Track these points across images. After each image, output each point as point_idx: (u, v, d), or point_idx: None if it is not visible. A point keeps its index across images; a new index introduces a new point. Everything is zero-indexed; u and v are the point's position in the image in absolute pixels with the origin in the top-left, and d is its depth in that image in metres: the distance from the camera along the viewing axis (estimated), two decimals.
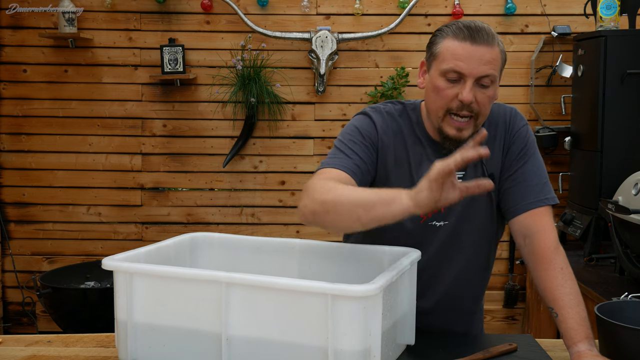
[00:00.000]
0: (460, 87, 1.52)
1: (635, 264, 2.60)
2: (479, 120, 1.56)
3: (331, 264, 1.63)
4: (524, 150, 1.66)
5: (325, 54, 3.60)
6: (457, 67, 1.51)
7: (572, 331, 1.46)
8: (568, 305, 1.49)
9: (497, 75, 1.54)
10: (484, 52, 1.51)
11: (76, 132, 3.83)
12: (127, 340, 1.43)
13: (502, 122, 1.68)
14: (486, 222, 1.69)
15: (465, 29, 1.51)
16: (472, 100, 1.51)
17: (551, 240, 1.58)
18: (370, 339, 1.26)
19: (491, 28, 1.56)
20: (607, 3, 3.18)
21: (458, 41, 1.51)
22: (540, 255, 1.57)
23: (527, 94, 3.80)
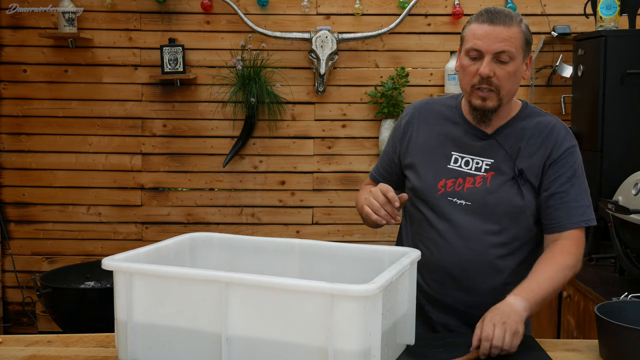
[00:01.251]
0: (480, 63, 1.68)
1: (635, 264, 2.60)
2: (502, 94, 1.70)
3: (331, 264, 1.63)
4: (571, 171, 1.76)
5: (325, 54, 3.60)
6: (475, 45, 1.68)
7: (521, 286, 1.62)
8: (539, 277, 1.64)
9: (515, 52, 1.67)
10: (500, 30, 1.66)
11: (76, 132, 3.83)
12: (127, 340, 1.43)
13: (549, 133, 1.77)
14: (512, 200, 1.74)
15: (485, 12, 1.71)
16: (490, 74, 1.67)
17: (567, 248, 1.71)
18: (370, 339, 1.26)
19: (512, 11, 1.71)
20: (607, 3, 3.18)
21: (478, 23, 1.70)
22: (553, 249, 1.71)
23: (527, 94, 3.80)
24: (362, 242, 3.65)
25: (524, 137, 1.77)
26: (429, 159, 1.81)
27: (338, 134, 3.81)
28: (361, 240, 3.79)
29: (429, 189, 1.78)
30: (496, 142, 1.77)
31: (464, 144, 1.79)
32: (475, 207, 1.74)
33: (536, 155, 1.75)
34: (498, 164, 1.75)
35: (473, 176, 1.76)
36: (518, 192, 1.74)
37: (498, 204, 1.74)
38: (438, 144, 1.82)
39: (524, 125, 1.78)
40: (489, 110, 1.72)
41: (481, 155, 1.77)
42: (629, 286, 2.56)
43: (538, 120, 1.79)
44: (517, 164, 1.75)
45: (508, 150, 1.76)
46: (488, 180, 1.75)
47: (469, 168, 1.77)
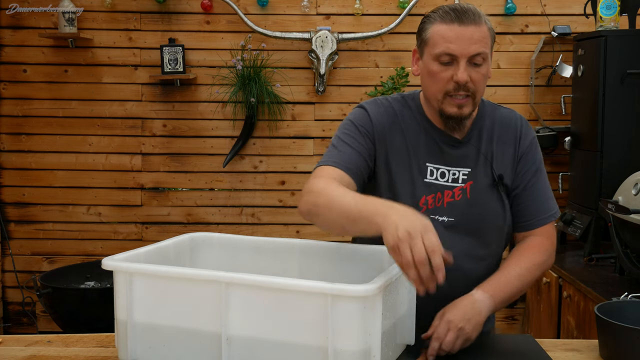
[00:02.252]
0: (454, 69, 1.55)
1: (635, 264, 2.60)
2: (476, 99, 1.60)
3: (331, 264, 1.63)
4: (535, 164, 1.71)
5: (325, 54, 3.60)
6: (448, 50, 1.54)
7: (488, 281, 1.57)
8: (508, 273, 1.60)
9: (488, 52, 1.58)
10: (472, 31, 1.54)
11: (76, 132, 3.83)
12: (127, 340, 1.43)
13: (513, 127, 1.72)
14: (495, 217, 1.68)
15: (452, 11, 1.55)
16: (468, 79, 1.55)
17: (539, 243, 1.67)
18: (370, 339, 1.26)
19: (477, 8, 1.59)
20: (607, 3, 3.18)
21: (446, 24, 1.55)
22: (529, 244, 1.67)
23: (527, 94, 3.80)
24: None
25: (493, 138, 1.68)
26: (406, 172, 1.65)
27: None
28: None
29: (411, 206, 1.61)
30: (471, 148, 1.66)
31: (437, 153, 1.65)
32: (456, 223, 1.64)
33: (507, 155, 1.68)
34: (475, 172, 1.65)
35: (451, 189, 1.64)
36: (499, 199, 1.67)
37: (481, 217, 1.66)
38: (412, 154, 1.65)
39: (488, 124, 1.70)
40: (465, 117, 1.60)
41: (458, 165, 1.65)
42: (629, 286, 2.56)
43: (499, 116, 1.72)
44: (495, 168, 1.66)
45: (483, 152, 1.66)
46: (468, 192, 1.65)
47: (446, 180, 1.65)
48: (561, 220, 3.43)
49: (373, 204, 1.35)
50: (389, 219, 1.27)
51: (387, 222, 1.27)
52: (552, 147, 3.69)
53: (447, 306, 1.51)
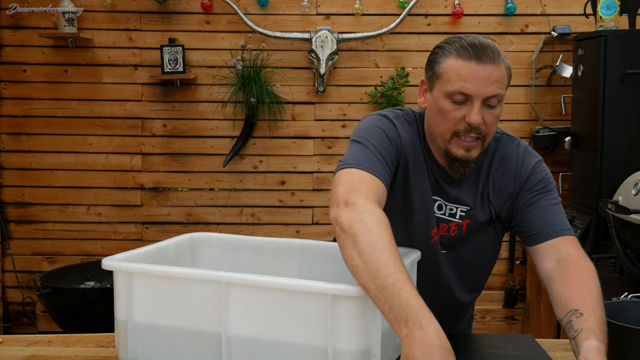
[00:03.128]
0: (467, 109, 1.45)
1: (635, 264, 2.60)
2: (486, 142, 1.51)
3: (331, 264, 1.63)
4: (542, 184, 1.60)
5: (325, 54, 3.60)
6: (463, 89, 1.44)
7: (591, 329, 1.29)
8: (595, 311, 1.33)
9: (504, 94, 1.48)
10: (490, 71, 1.43)
11: (76, 132, 3.83)
12: (127, 340, 1.43)
13: (514, 158, 1.60)
14: (488, 253, 1.69)
15: (470, 47, 1.44)
16: (481, 122, 1.45)
17: (590, 269, 1.47)
18: (370, 339, 1.26)
19: (495, 43, 1.48)
20: (607, 3, 3.18)
21: (463, 60, 1.44)
22: (580, 274, 1.44)
23: (527, 94, 3.80)
24: None
25: (490, 174, 1.59)
26: (421, 198, 1.56)
27: (338, 134, 3.81)
28: None
29: (424, 236, 1.58)
30: (470, 187, 1.58)
31: (437, 186, 1.58)
32: (449, 255, 1.62)
33: (504, 187, 1.59)
34: (474, 211, 1.59)
35: (447, 222, 1.59)
36: (495, 236, 1.64)
37: (474, 252, 1.63)
38: (424, 182, 1.57)
39: (488, 160, 1.60)
40: (472, 160, 1.51)
41: (456, 202, 1.58)
42: (629, 286, 2.56)
43: (498, 152, 1.61)
44: (493, 205, 1.58)
45: (483, 190, 1.59)
46: (464, 229, 1.59)
47: (443, 213, 1.58)
48: None
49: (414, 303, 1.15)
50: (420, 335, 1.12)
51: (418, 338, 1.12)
52: (552, 147, 3.69)
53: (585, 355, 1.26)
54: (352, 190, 1.36)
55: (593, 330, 1.28)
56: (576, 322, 1.31)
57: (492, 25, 3.76)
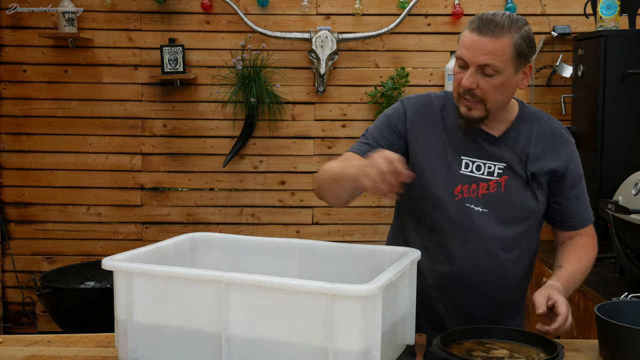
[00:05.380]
0: (465, 73, 1.64)
1: (635, 264, 2.60)
2: (488, 105, 1.66)
3: (331, 264, 1.63)
4: (580, 170, 1.81)
5: (325, 54, 3.60)
6: (462, 55, 1.63)
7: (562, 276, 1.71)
8: (575, 268, 1.74)
9: (501, 65, 1.61)
10: (486, 42, 1.60)
11: (76, 132, 3.83)
12: (127, 340, 1.43)
13: (557, 136, 1.80)
14: (529, 216, 1.76)
15: (478, 19, 1.63)
16: (472, 86, 1.63)
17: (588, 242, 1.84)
18: (370, 339, 1.26)
19: (510, 19, 1.62)
20: (607, 3, 3.18)
21: (469, 31, 1.63)
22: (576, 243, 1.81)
23: (527, 94, 3.80)
24: (362, 242, 3.65)
25: (530, 140, 1.75)
26: (440, 162, 1.73)
27: (338, 134, 3.81)
28: (361, 240, 3.79)
29: (446, 194, 1.71)
30: (506, 145, 1.73)
31: (473, 147, 1.73)
32: (490, 214, 1.71)
33: (547, 159, 1.75)
34: (510, 167, 1.72)
35: (487, 181, 1.71)
36: (532, 195, 1.74)
37: (514, 209, 1.72)
38: (448, 147, 1.73)
39: (527, 127, 1.76)
40: (474, 119, 1.68)
41: (493, 159, 1.72)
42: (629, 286, 2.56)
43: (539, 122, 1.79)
44: (529, 167, 1.72)
45: (519, 153, 1.73)
46: (502, 185, 1.71)
47: (481, 173, 1.72)
48: None
49: (352, 164, 1.55)
50: (361, 168, 1.44)
51: (360, 169, 1.45)
52: None
53: (547, 289, 1.64)
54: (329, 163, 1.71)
55: (563, 277, 1.71)
56: (555, 272, 1.75)
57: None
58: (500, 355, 1.46)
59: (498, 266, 1.72)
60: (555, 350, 1.43)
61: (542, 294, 1.62)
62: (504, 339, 1.55)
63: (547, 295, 1.61)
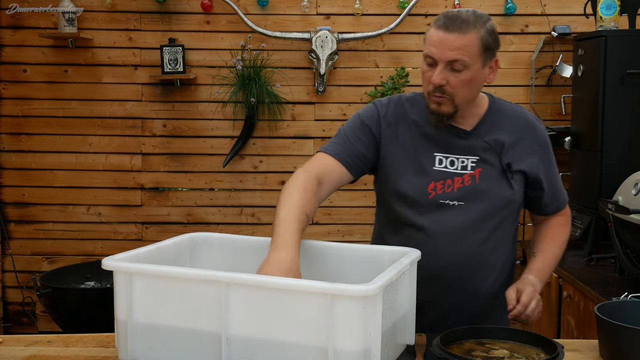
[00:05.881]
0: (434, 71, 1.67)
1: (635, 264, 2.60)
2: (457, 101, 1.69)
3: (331, 264, 1.63)
4: (552, 155, 1.88)
5: (325, 54, 3.60)
6: (430, 53, 1.66)
7: (535, 268, 1.82)
8: (548, 256, 1.86)
9: (469, 60, 1.65)
10: (454, 39, 1.63)
11: (76, 132, 3.83)
12: (127, 340, 1.43)
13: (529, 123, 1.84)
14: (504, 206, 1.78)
15: (444, 17, 1.66)
16: (442, 83, 1.66)
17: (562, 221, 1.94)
18: (370, 339, 1.26)
19: (475, 15, 1.67)
20: (607, 3, 3.18)
21: (435, 29, 1.66)
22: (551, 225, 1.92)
23: (527, 94, 3.80)
24: (362, 242, 3.65)
25: (503, 131, 1.78)
26: (413, 162, 1.77)
27: None
28: (361, 240, 3.79)
29: (420, 193, 1.74)
30: (478, 138, 1.77)
31: (445, 143, 1.77)
32: (466, 207, 1.74)
33: (521, 146, 1.79)
34: (484, 159, 1.76)
35: (461, 175, 1.75)
36: (508, 185, 1.77)
37: (490, 200, 1.75)
38: (419, 145, 1.77)
39: (498, 119, 1.80)
40: (444, 115, 1.71)
41: (466, 153, 1.76)
42: (629, 286, 2.56)
43: (510, 113, 1.83)
44: (504, 157, 1.76)
45: (492, 144, 1.76)
46: (477, 177, 1.75)
47: (455, 168, 1.76)
48: None
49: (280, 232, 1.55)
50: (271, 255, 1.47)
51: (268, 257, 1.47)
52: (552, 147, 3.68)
53: (517, 284, 1.74)
54: (303, 167, 1.74)
55: (537, 268, 1.82)
56: (530, 262, 1.85)
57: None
58: (500, 355, 1.46)
59: (477, 258, 1.75)
60: (555, 350, 1.43)
61: (513, 289, 1.72)
62: (504, 339, 1.54)
63: (516, 289, 1.71)
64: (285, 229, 1.54)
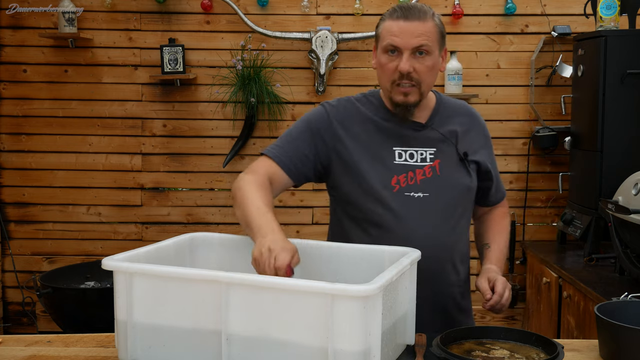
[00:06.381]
0: (399, 60, 1.71)
1: (635, 264, 2.60)
2: (422, 88, 1.75)
3: (331, 264, 1.63)
4: (492, 146, 1.94)
5: (325, 54, 3.61)
6: (393, 42, 1.71)
7: (494, 257, 1.86)
8: (500, 245, 1.91)
9: (432, 45, 1.71)
10: (416, 26, 1.70)
11: (76, 132, 3.83)
12: (127, 340, 1.43)
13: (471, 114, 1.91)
14: (465, 195, 1.84)
15: (399, 9, 1.74)
16: (410, 69, 1.70)
17: (504, 212, 2.01)
18: (370, 339, 1.26)
19: (426, 6, 1.75)
20: (607, 3, 3.18)
21: (393, 20, 1.73)
22: (495, 216, 1.99)
23: (527, 94, 3.80)
24: None
25: (455, 122, 1.85)
26: (373, 158, 1.78)
27: None
28: None
29: (384, 187, 1.76)
30: (433, 130, 1.82)
31: (403, 137, 1.80)
32: (431, 198, 1.77)
33: (472, 137, 1.86)
34: (441, 150, 1.80)
35: (421, 167, 1.78)
36: (466, 173, 1.82)
37: (452, 189, 1.80)
38: (378, 141, 1.80)
39: (448, 112, 1.86)
40: (411, 104, 1.75)
41: (423, 146, 1.80)
42: (629, 286, 2.56)
43: (455, 105, 1.90)
44: (459, 147, 1.82)
45: (447, 135, 1.82)
46: (437, 168, 1.79)
47: (415, 160, 1.79)
48: (561, 220, 3.43)
49: (262, 222, 1.56)
50: (263, 240, 1.49)
51: (261, 242, 1.48)
52: (552, 147, 3.69)
53: (485, 274, 1.77)
54: (248, 170, 1.76)
55: (497, 258, 1.86)
56: (485, 252, 1.90)
57: (492, 25, 3.76)
58: (500, 355, 1.46)
59: (445, 247, 1.78)
60: (555, 350, 1.43)
61: (484, 279, 1.76)
62: (504, 339, 1.54)
63: (487, 279, 1.75)
64: (267, 219, 1.56)
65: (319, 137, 1.80)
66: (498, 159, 3.81)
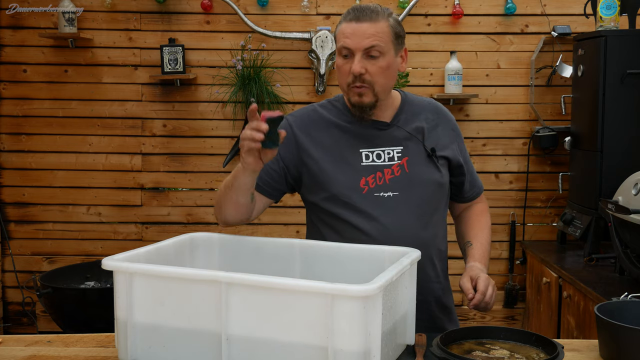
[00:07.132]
0: (352, 62, 1.71)
1: (635, 264, 2.60)
2: (376, 89, 1.74)
3: (331, 264, 1.63)
4: (463, 141, 1.94)
5: (325, 54, 3.61)
6: (345, 44, 1.71)
7: (477, 255, 1.85)
8: (482, 242, 1.90)
9: (384, 46, 1.71)
10: (367, 27, 1.69)
11: (76, 132, 3.83)
12: (127, 340, 1.43)
13: (442, 112, 1.92)
14: (436, 190, 1.84)
15: (352, 10, 1.73)
16: (361, 71, 1.70)
17: (483, 208, 2.01)
18: (370, 339, 1.26)
19: (380, 7, 1.74)
20: (607, 3, 3.18)
21: (346, 22, 1.72)
22: (474, 213, 1.98)
23: (527, 94, 3.80)
24: None
25: (421, 119, 1.85)
26: (340, 162, 1.79)
27: None
28: None
29: (353, 190, 1.76)
30: (398, 128, 1.82)
31: (368, 138, 1.80)
32: (401, 196, 1.77)
33: (439, 133, 1.86)
34: (408, 148, 1.81)
35: (389, 167, 1.79)
36: (436, 168, 1.82)
37: (422, 186, 1.80)
38: (344, 145, 1.80)
39: (414, 109, 1.86)
40: (366, 105, 1.75)
41: (390, 145, 1.80)
42: (629, 286, 2.56)
43: (422, 103, 1.90)
44: (426, 143, 1.82)
45: (413, 132, 1.82)
46: (405, 166, 1.79)
47: (382, 160, 1.79)
48: (561, 220, 3.43)
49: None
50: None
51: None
52: (552, 147, 3.69)
53: (468, 273, 1.77)
54: None
55: (481, 255, 1.85)
56: (468, 250, 1.89)
57: (492, 25, 3.76)
58: (500, 355, 1.46)
59: (420, 243, 1.75)
60: (555, 350, 1.43)
61: (467, 278, 1.75)
62: (504, 339, 1.54)
63: (470, 278, 1.74)
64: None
65: (284, 151, 1.81)
66: (498, 159, 3.84)
